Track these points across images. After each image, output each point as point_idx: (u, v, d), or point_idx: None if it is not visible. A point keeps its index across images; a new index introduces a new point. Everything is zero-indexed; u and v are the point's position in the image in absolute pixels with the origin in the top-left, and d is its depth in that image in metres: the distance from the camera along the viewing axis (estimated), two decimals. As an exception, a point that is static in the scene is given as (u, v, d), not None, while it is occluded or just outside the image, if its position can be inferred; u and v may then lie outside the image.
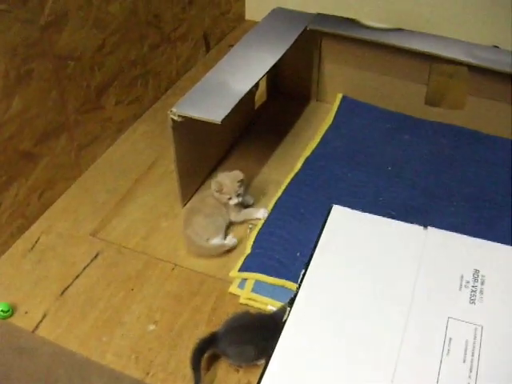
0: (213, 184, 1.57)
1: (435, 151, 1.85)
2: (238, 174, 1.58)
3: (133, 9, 1.86)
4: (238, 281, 1.47)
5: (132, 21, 1.87)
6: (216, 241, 1.56)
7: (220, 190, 1.56)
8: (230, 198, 1.57)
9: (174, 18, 2.12)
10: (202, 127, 1.54)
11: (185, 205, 1.69)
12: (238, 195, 1.58)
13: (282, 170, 1.79)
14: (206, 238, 1.55)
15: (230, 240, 1.58)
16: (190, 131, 1.58)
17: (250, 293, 1.43)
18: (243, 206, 1.65)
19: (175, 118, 1.48)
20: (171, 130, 1.51)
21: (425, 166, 1.78)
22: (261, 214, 1.64)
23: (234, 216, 1.62)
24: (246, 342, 1.28)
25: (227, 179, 1.57)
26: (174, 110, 1.48)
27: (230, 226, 1.63)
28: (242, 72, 1.64)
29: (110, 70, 1.82)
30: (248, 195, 1.69)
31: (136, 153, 1.90)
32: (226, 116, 1.46)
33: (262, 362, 1.24)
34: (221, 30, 2.50)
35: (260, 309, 1.41)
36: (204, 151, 1.69)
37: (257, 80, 1.61)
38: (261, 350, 1.25)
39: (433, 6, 2.30)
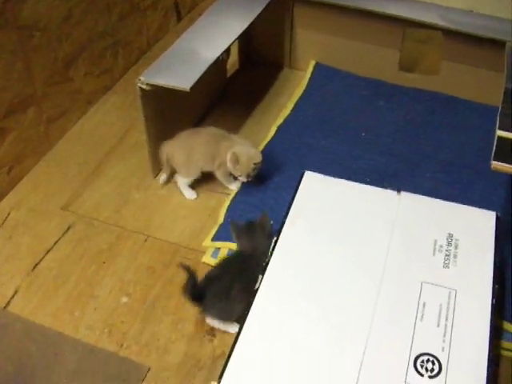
0: (229, 154, 1.53)
1: (410, 117, 1.84)
2: (257, 155, 1.54)
3: (99, -23, 1.82)
4: (211, 250, 1.46)
5: (99, -11, 1.83)
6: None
7: (234, 164, 1.53)
8: (239, 175, 1.55)
9: (143, -14, 2.08)
10: (172, 96, 1.52)
11: (156, 176, 1.67)
12: (249, 175, 1.55)
13: (255, 138, 1.76)
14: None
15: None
16: (159, 100, 1.55)
17: (224, 262, 1.41)
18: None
19: (143, 86, 1.45)
20: (140, 99, 1.48)
21: (400, 132, 1.77)
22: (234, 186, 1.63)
23: (220, 175, 1.61)
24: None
25: (245, 157, 1.53)
26: (142, 78, 1.45)
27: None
28: (211, 39, 1.61)
29: (77, 40, 1.78)
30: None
31: (107, 125, 1.87)
32: (196, 83, 1.44)
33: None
34: (192, -1, 2.46)
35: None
36: (175, 121, 1.66)
37: (226, 47, 1.58)
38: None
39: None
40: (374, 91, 1.94)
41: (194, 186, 1.63)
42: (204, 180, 1.63)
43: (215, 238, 1.47)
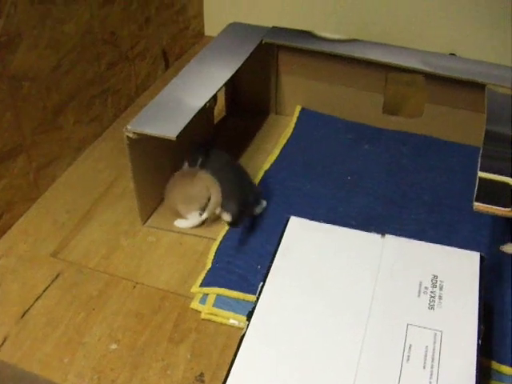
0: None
1: (394, 159, 1.86)
2: None
3: (88, 27, 1.85)
4: (199, 296, 1.46)
5: (88, 39, 1.86)
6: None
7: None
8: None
9: (131, 35, 2.11)
10: (160, 144, 1.54)
11: (144, 222, 1.69)
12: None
13: (243, 184, 1.78)
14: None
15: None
16: (147, 148, 1.57)
17: (212, 307, 1.42)
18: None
19: (130, 135, 1.47)
20: (127, 147, 1.50)
21: (384, 175, 1.80)
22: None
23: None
24: None
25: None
26: (128, 127, 1.47)
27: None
28: (197, 87, 1.64)
29: (66, 89, 1.81)
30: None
31: (96, 172, 1.89)
32: (182, 132, 1.46)
33: None
34: (180, 47, 2.50)
35: (222, 323, 1.40)
36: (163, 168, 1.68)
37: (212, 95, 1.61)
38: None
39: (387, 17, 2.33)
40: (358, 135, 1.97)
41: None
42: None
43: (203, 284, 1.48)
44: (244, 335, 1.17)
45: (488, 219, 1.65)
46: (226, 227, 1.62)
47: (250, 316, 1.20)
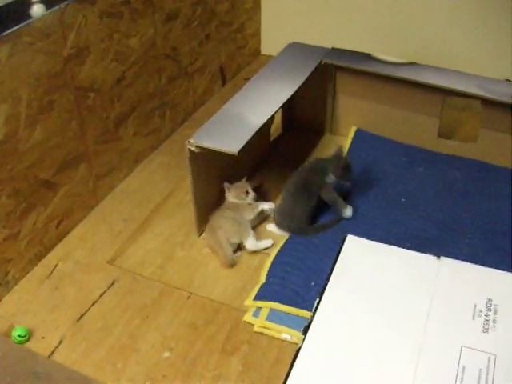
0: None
1: (448, 184, 1.87)
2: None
3: (152, 42, 1.91)
4: (252, 309, 1.48)
5: (151, 54, 1.92)
6: (251, 242, 1.64)
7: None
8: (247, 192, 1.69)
9: (192, 51, 2.16)
10: (219, 158, 1.58)
11: (200, 234, 1.72)
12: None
13: (297, 201, 1.81)
14: (238, 240, 1.63)
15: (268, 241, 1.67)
16: (206, 162, 1.61)
17: (265, 321, 1.44)
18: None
19: (193, 148, 1.51)
20: (188, 160, 1.54)
21: (438, 199, 1.80)
22: (267, 205, 1.73)
23: (248, 214, 1.68)
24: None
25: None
26: (191, 140, 1.51)
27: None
28: (258, 105, 1.68)
29: (128, 101, 1.86)
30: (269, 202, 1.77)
31: (153, 183, 1.93)
32: (242, 147, 1.49)
33: None
34: (237, 64, 2.54)
35: (274, 337, 1.42)
36: (220, 182, 1.71)
37: (272, 113, 1.65)
38: None
39: (445, 41, 2.34)
40: (413, 157, 1.98)
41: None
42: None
43: (257, 298, 1.50)
44: (300, 349, 1.18)
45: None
46: (281, 243, 1.64)
47: (306, 331, 1.22)
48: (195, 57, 2.20)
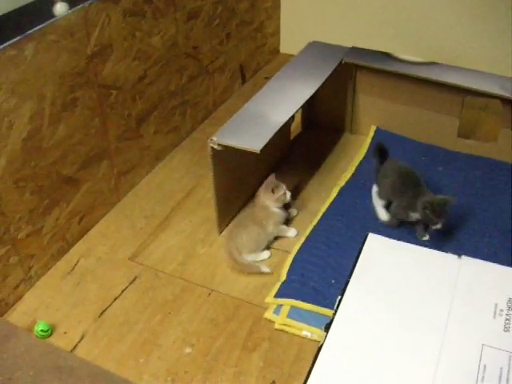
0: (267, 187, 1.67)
1: (468, 183, 1.87)
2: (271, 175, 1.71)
3: (173, 41, 1.92)
4: (273, 307, 1.49)
5: (172, 52, 1.93)
6: (252, 256, 1.63)
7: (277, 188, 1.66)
8: (284, 194, 1.67)
9: (212, 50, 2.17)
10: (240, 156, 1.59)
11: (221, 232, 1.73)
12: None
13: (317, 200, 1.82)
14: (246, 252, 1.62)
15: (265, 253, 1.66)
16: (227, 160, 1.62)
17: (286, 318, 1.45)
18: (284, 221, 1.72)
19: (215, 146, 1.52)
20: (210, 158, 1.55)
21: (458, 198, 1.79)
22: (291, 233, 1.71)
23: (273, 227, 1.67)
24: None
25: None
26: (214, 139, 1.52)
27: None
28: (279, 103, 1.69)
29: (150, 99, 1.88)
30: (293, 208, 1.77)
31: (173, 180, 1.94)
32: (264, 146, 1.50)
33: None
34: (256, 63, 2.55)
35: (295, 334, 1.43)
36: (241, 180, 1.73)
37: (294, 112, 1.66)
38: None
39: (465, 41, 2.33)
40: (432, 157, 1.98)
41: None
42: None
43: (278, 295, 1.51)
44: (321, 346, 1.19)
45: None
46: (301, 240, 1.66)
47: (327, 328, 1.22)
48: (216, 55, 2.21)
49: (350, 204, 1.77)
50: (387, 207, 1.69)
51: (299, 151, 2.08)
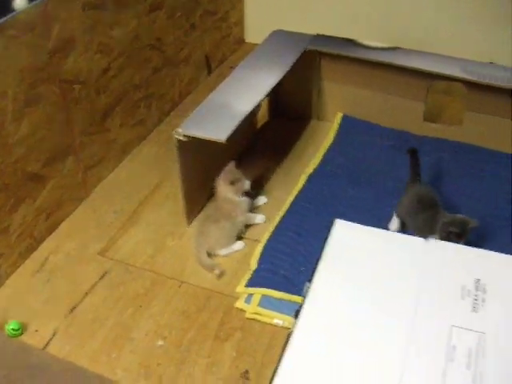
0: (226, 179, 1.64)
1: (435, 166, 1.88)
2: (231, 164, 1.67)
3: (136, 33, 1.91)
4: (244, 296, 1.50)
5: (135, 45, 1.92)
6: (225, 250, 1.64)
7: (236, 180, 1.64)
8: (243, 183, 1.65)
9: (177, 41, 2.16)
10: (206, 147, 1.58)
11: (190, 224, 1.73)
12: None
13: (285, 188, 1.82)
14: (219, 248, 1.63)
15: (238, 244, 1.66)
16: (194, 151, 1.61)
17: (257, 307, 1.46)
18: (250, 207, 1.71)
19: (180, 137, 1.51)
20: (176, 149, 1.55)
21: (427, 181, 1.81)
22: (260, 219, 1.72)
23: (241, 216, 1.67)
24: None
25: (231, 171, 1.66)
26: (179, 130, 1.52)
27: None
28: (243, 93, 1.69)
29: (114, 93, 1.86)
30: (261, 195, 1.76)
31: (141, 174, 1.93)
32: (230, 135, 1.50)
33: None
34: (222, 53, 2.54)
35: (267, 323, 1.44)
36: (208, 171, 1.72)
37: (259, 100, 1.66)
38: None
39: (429, 25, 2.34)
40: (399, 141, 1.99)
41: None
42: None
43: (248, 284, 1.51)
44: (291, 333, 1.20)
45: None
46: (270, 229, 1.66)
47: (297, 315, 1.23)
48: (180, 47, 2.20)
49: (318, 191, 1.78)
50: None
51: (266, 140, 2.08)
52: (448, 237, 1.45)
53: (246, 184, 1.66)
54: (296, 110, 2.16)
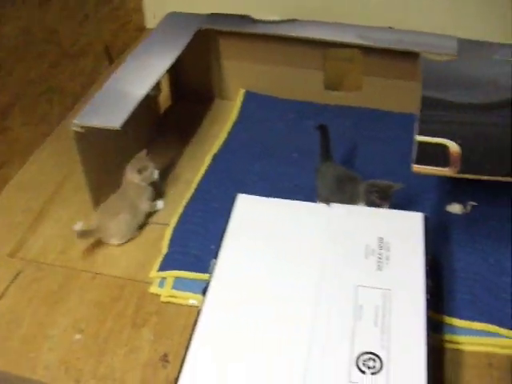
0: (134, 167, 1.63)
1: (338, 133, 1.89)
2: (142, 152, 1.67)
3: (27, 28, 1.86)
4: (157, 280, 1.50)
5: (28, 40, 1.87)
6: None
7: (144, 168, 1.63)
8: (151, 172, 1.65)
9: (72, 32, 2.12)
10: (108, 137, 1.57)
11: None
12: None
13: (193, 169, 1.82)
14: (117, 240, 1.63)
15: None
16: (95, 142, 1.60)
17: (171, 290, 1.46)
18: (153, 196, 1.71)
19: (77, 129, 1.50)
20: (75, 142, 1.53)
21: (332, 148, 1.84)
22: (160, 205, 1.72)
23: (146, 203, 1.67)
24: None
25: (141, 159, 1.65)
26: (75, 121, 1.50)
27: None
28: (138, 78, 1.68)
29: (11, 91, 1.82)
30: (160, 200, 1.74)
31: (48, 171, 1.90)
32: (128, 122, 1.49)
33: None
34: (122, 41, 2.51)
35: (182, 305, 1.45)
36: (113, 160, 1.70)
37: (153, 83, 1.65)
38: None
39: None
40: (301, 112, 2.01)
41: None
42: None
43: (160, 268, 1.52)
44: (200, 311, 1.21)
45: (433, 182, 1.72)
46: (179, 211, 1.66)
47: (205, 292, 1.24)
48: (77, 38, 2.16)
49: (224, 170, 1.79)
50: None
51: (171, 123, 2.06)
52: (372, 200, 1.49)
53: (155, 173, 1.67)
54: (199, 92, 2.16)
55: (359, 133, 1.92)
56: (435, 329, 1.36)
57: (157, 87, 1.71)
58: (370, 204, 1.50)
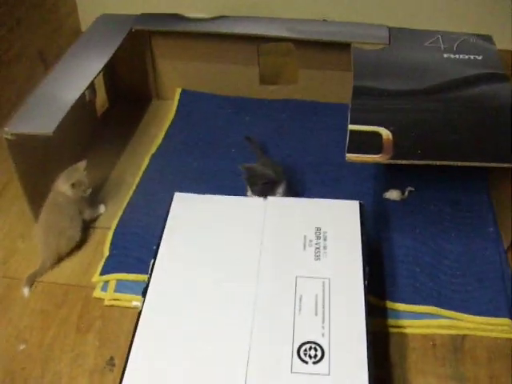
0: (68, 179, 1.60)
1: (276, 127, 1.93)
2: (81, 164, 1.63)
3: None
4: (100, 284, 1.50)
5: (-44, 49, 1.85)
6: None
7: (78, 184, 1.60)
8: (84, 190, 1.62)
9: (3, 39, 2.09)
10: (44, 143, 1.56)
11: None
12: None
13: (132, 171, 1.82)
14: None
15: None
16: (31, 149, 1.58)
17: (114, 293, 1.46)
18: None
19: (9, 137, 1.48)
20: (8, 150, 1.51)
21: (268, 143, 1.86)
22: (102, 209, 1.71)
23: (88, 212, 1.66)
24: None
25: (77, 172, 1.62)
26: (5, 129, 1.48)
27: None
28: (70, 82, 1.65)
29: None
30: (102, 204, 1.73)
31: (-15, 181, 1.88)
32: (61, 127, 1.48)
33: None
34: (57, 46, 2.48)
35: (126, 307, 1.45)
36: (51, 167, 1.68)
37: (85, 86, 1.63)
38: None
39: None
40: (238, 108, 2.02)
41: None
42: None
43: (102, 272, 1.51)
44: (141, 312, 1.21)
45: (371, 171, 1.75)
46: (119, 214, 1.66)
47: (144, 293, 1.24)
48: (8, 45, 2.13)
49: (162, 169, 1.79)
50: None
51: (109, 126, 2.05)
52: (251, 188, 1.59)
53: (88, 191, 1.63)
54: (135, 93, 2.15)
55: (297, 125, 1.94)
56: (379, 314, 1.40)
57: (92, 90, 1.70)
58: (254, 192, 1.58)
